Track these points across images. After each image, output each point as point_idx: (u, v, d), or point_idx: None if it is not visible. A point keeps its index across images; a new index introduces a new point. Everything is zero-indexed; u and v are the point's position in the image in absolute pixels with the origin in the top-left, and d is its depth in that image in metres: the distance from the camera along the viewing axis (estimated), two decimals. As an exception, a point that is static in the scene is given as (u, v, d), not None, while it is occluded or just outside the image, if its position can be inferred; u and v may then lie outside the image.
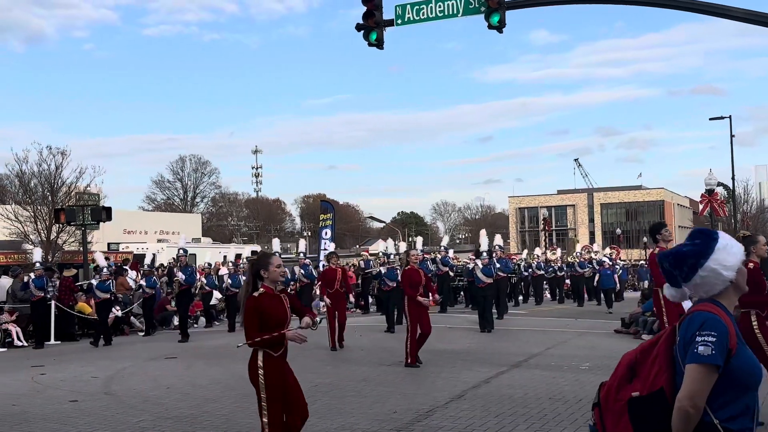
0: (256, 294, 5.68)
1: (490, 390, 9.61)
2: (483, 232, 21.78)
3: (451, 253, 27.59)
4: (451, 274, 25.30)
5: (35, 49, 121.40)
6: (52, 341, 18.24)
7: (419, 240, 27.05)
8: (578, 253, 31.68)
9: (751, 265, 7.12)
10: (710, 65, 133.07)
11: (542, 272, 28.98)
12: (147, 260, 21.98)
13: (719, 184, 36.81)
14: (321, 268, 24.65)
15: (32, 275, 17.66)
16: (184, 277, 17.75)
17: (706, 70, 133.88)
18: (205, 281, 21.21)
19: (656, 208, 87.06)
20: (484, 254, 17.89)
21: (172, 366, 12.85)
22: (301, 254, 22.37)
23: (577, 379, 10.29)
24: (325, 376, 11.07)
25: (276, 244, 23.02)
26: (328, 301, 14.56)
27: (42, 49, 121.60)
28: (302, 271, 20.44)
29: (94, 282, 18.04)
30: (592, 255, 30.90)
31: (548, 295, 31.52)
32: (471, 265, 18.02)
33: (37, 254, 19.76)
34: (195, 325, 21.90)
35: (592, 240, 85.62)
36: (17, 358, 15.18)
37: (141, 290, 19.83)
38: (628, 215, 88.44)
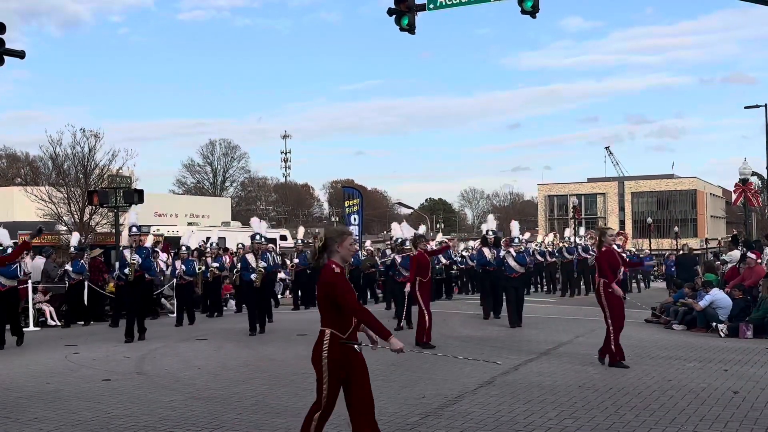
0: None
1: (519, 377, 9.58)
2: (490, 217, 20.64)
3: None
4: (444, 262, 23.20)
5: (71, 34, 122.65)
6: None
7: (422, 228, 23.72)
8: (567, 238, 28.55)
9: None
10: (745, 53, 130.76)
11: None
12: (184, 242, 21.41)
13: (753, 173, 36.16)
14: (369, 254, 23.66)
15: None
16: (139, 259, 14.60)
17: (741, 58, 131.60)
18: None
19: (688, 197, 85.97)
20: (517, 240, 16.30)
21: (203, 347, 12.99)
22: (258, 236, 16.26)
23: (606, 367, 10.22)
24: (354, 360, 11.11)
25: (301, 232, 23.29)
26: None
27: (78, 33, 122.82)
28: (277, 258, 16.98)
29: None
30: (578, 240, 28.08)
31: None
32: (503, 253, 16.38)
33: (75, 238, 19.50)
34: (224, 308, 22.05)
35: (622, 229, 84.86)
36: (51, 338, 15.42)
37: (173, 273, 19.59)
38: (660, 204, 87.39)
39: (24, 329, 16.24)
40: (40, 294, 18.36)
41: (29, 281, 17.13)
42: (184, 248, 19.17)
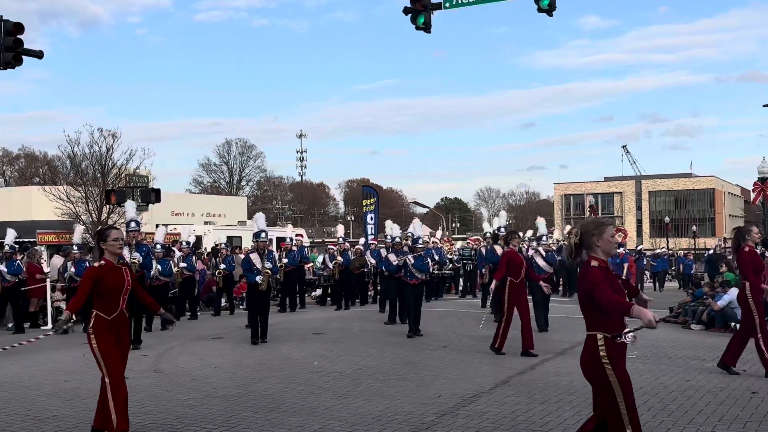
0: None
1: (535, 377, 9.54)
2: (502, 213, 19.59)
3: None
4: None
5: (90, 34, 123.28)
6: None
7: (388, 224, 20.69)
8: (556, 239, 26.08)
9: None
10: (762, 52, 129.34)
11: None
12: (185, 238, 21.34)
13: (772, 172, 35.79)
14: (383, 253, 22.37)
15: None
16: (140, 258, 13.38)
17: (758, 56, 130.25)
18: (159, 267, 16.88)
19: (706, 196, 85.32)
20: (544, 238, 15.18)
21: (219, 346, 13.04)
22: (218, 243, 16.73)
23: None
24: (370, 359, 11.13)
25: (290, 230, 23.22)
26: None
27: (96, 33, 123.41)
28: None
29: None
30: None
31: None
32: (531, 252, 15.42)
33: (10, 236, 17.18)
34: (241, 306, 22.10)
35: (639, 228, 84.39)
36: (69, 336, 15.50)
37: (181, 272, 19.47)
38: (677, 203, 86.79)
39: (42, 327, 16.43)
40: (59, 293, 18.48)
41: (48, 280, 17.32)
42: (158, 246, 17.56)
